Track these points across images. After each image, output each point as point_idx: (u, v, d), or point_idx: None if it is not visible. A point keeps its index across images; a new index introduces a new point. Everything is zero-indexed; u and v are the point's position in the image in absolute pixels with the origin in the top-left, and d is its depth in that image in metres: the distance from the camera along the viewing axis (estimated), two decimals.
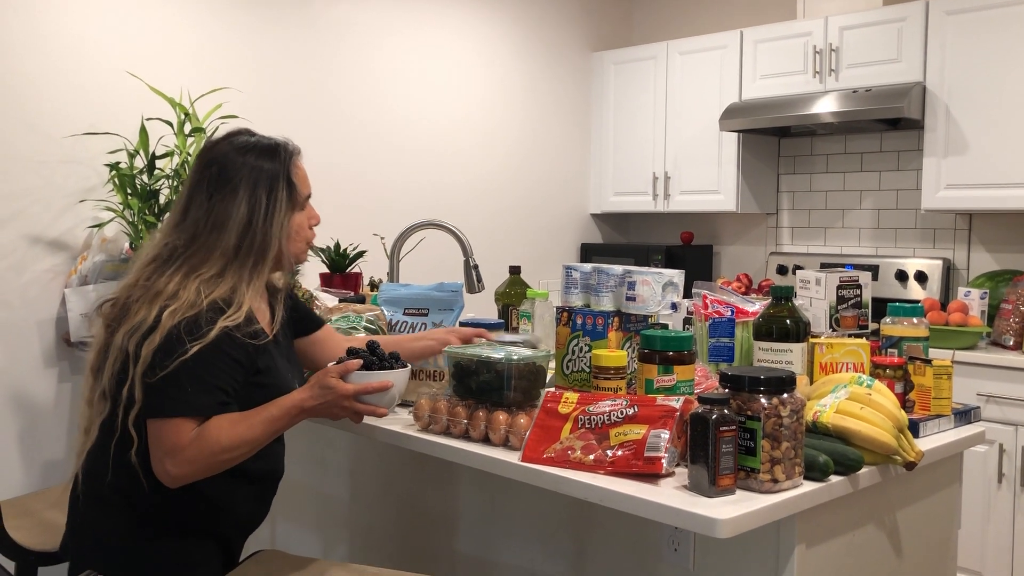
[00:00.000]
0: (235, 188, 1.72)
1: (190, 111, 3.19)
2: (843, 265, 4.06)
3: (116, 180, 3.10)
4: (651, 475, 1.57)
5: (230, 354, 1.65)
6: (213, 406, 1.63)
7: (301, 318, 2.02)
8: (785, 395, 1.52)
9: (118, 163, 3.14)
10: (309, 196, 1.86)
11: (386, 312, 2.28)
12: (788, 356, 1.97)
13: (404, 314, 2.26)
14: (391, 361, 1.76)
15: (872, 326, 2.35)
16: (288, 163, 1.78)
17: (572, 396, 1.75)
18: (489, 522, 2.16)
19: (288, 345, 1.91)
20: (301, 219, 1.83)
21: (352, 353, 1.74)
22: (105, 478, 1.68)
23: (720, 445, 1.47)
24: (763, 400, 1.51)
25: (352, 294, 2.88)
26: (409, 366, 1.83)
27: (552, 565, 2.02)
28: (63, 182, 3.19)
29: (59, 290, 3.19)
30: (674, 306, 2.00)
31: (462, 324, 2.29)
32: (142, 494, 1.66)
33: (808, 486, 1.55)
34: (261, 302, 1.82)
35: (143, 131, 3.15)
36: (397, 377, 1.73)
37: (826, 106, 3.92)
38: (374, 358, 1.73)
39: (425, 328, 2.22)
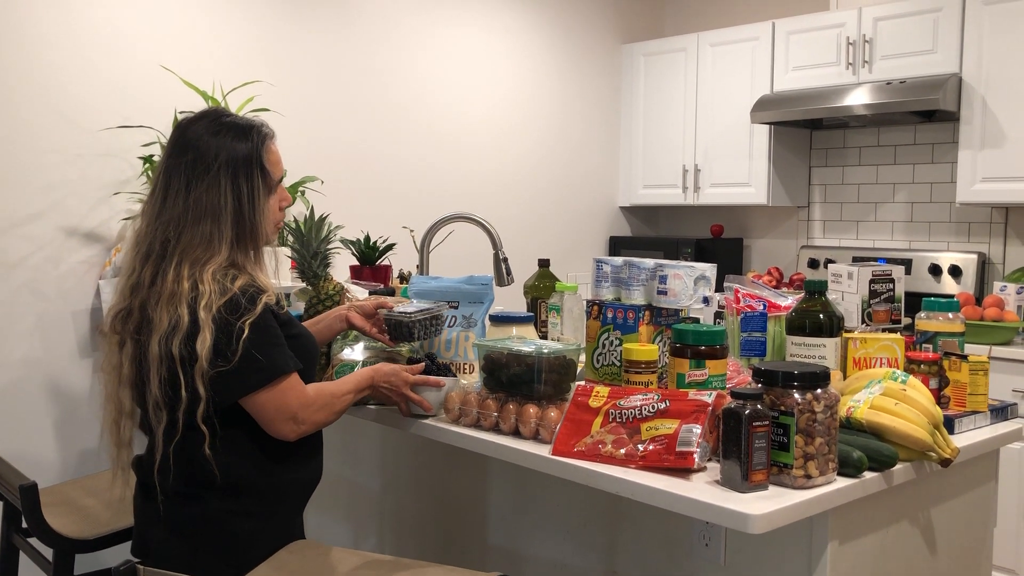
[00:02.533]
0: (216, 176, 1.73)
1: (222, 104, 3.22)
2: (876, 259, 4.02)
3: (150, 173, 3.13)
4: (683, 470, 1.56)
5: (272, 320, 1.73)
6: (291, 360, 1.73)
7: None
8: (819, 390, 1.50)
9: (152, 156, 3.17)
10: (281, 179, 1.87)
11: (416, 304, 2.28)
12: (821, 351, 1.95)
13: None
14: (445, 369, 2.04)
15: (905, 321, 2.32)
16: (260, 146, 1.79)
17: (603, 390, 1.75)
18: (519, 515, 2.16)
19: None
20: (273, 202, 1.84)
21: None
22: (170, 481, 1.71)
23: (753, 440, 1.46)
24: (797, 395, 1.50)
25: (382, 286, 2.88)
26: (457, 377, 2.04)
27: (582, 558, 2.02)
28: (98, 175, 3.23)
29: (94, 281, 3.23)
30: (706, 300, 1.99)
31: (491, 317, 2.29)
32: (213, 484, 1.70)
33: (842, 482, 1.54)
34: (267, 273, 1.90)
35: (176, 123, 3.17)
36: (449, 382, 1.96)
37: (859, 98, 3.88)
38: (432, 365, 2.02)
39: (456, 321, 2.23)
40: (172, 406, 1.66)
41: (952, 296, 3.20)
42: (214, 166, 1.73)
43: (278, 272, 1.96)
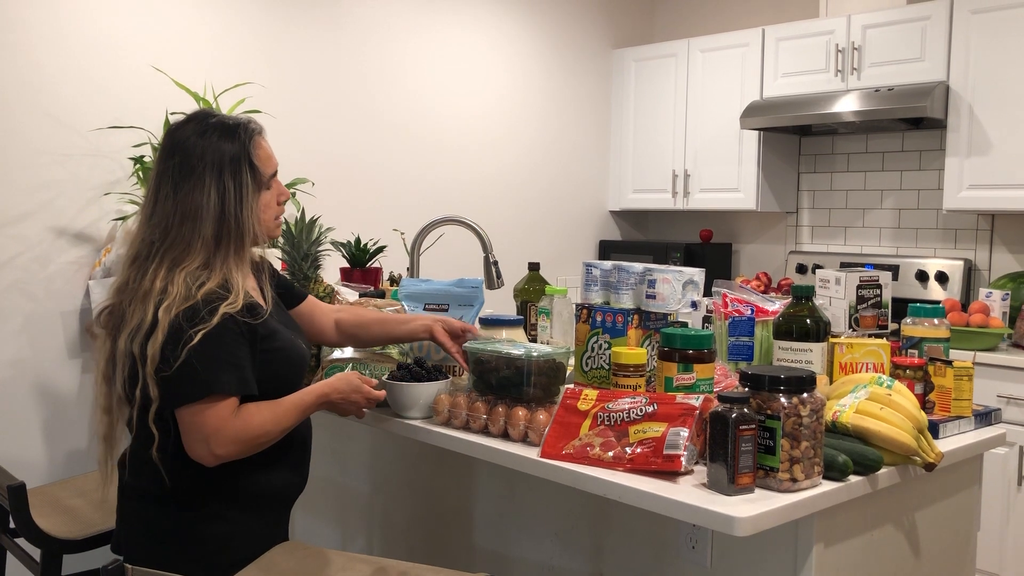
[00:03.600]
0: (201, 176, 1.72)
1: (214, 105, 3.22)
2: (863, 265, 4.04)
3: (140, 173, 3.13)
4: (670, 473, 1.58)
5: (233, 330, 1.68)
6: (234, 382, 1.66)
7: (285, 292, 2.05)
8: (805, 395, 1.52)
9: (142, 157, 3.17)
10: (275, 174, 1.85)
11: (406, 307, 2.29)
12: (808, 356, 1.97)
13: (424, 309, 2.27)
14: (436, 371, 2.02)
15: (892, 326, 2.34)
16: (248, 143, 1.78)
17: (592, 393, 1.76)
18: (507, 517, 2.17)
19: (282, 311, 1.95)
20: (268, 198, 1.82)
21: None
22: (138, 476, 1.73)
23: (740, 444, 1.48)
24: (783, 399, 1.51)
25: (372, 289, 2.89)
26: (448, 379, 2.02)
27: (569, 561, 2.03)
28: (88, 175, 3.23)
29: (83, 282, 3.23)
30: (694, 304, 2.01)
31: (481, 320, 2.30)
32: (172, 485, 1.69)
33: (827, 486, 1.55)
34: (251, 280, 1.86)
35: (167, 125, 3.17)
36: (423, 390, 1.96)
37: (848, 105, 3.91)
38: (421, 370, 2.00)
39: None
40: (132, 404, 1.67)
41: (938, 302, 3.22)
42: (199, 167, 1.72)
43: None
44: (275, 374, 1.76)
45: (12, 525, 2.18)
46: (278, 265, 3.11)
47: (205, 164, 1.73)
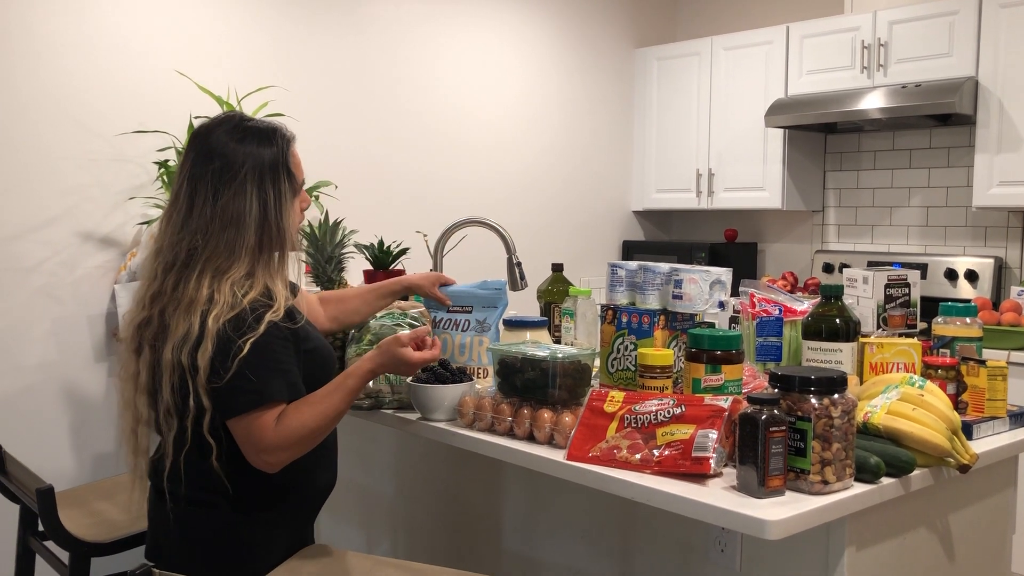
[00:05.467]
0: (243, 182, 1.70)
1: (237, 108, 3.23)
2: (891, 263, 4.00)
3: (165, 178, 3.14)
4: (699, 475, 1.56)
5: (279, 337, 1.67)
6: (284, 389, 1.67)
7: None
8: (836, 395, 1.50)
9: (167, 161, 3.18)
10: (303, 182, 1.85)
11: (429, 311, 2.28)
12: (838, 356, 1.94)
13: (448, 312, 2.26)
14: (460, 373, 2.02)
15: (921, 325, 2.30)
16: (286, 150, 1.77)
17: (618, 395, 1.74)
18: (533, 520, 2.16)
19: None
20: (297, 204, 1.82)
21: None
22: (187, 485, 1.71)
23: (770, 446, 1.45)
24: (814, 400, 1.49)
25: None
26: (472, 380, 2.03)
27: (597, 564, 2.01)
28: (113, 180, 3.25)
29: (109, 286, 3.25)
30: (721, 305, 1.98)
31: (505, 322, 2.29)
32: (226, 494, 1.70)
33: (859, 488, 1.53)
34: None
35: (191, 129, 3.19)
36: (448, 392, 1.96)
37: (874, 102, 3.86)
38: (445, 371, 2.01)
39: (469, 326, 2.22)
40: (181, 415, 1.65)
41: (968, 301, 3.18)
42: (241, 173, 1.70)
43: (300, 278, 1.95)
44: (310, 375, 1.76)
45: (41, 528, 2.19)
46: (302, 268, 3.12)
47: (246, 170, 1.71)
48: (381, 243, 3.21)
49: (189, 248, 1.69)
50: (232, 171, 1.71)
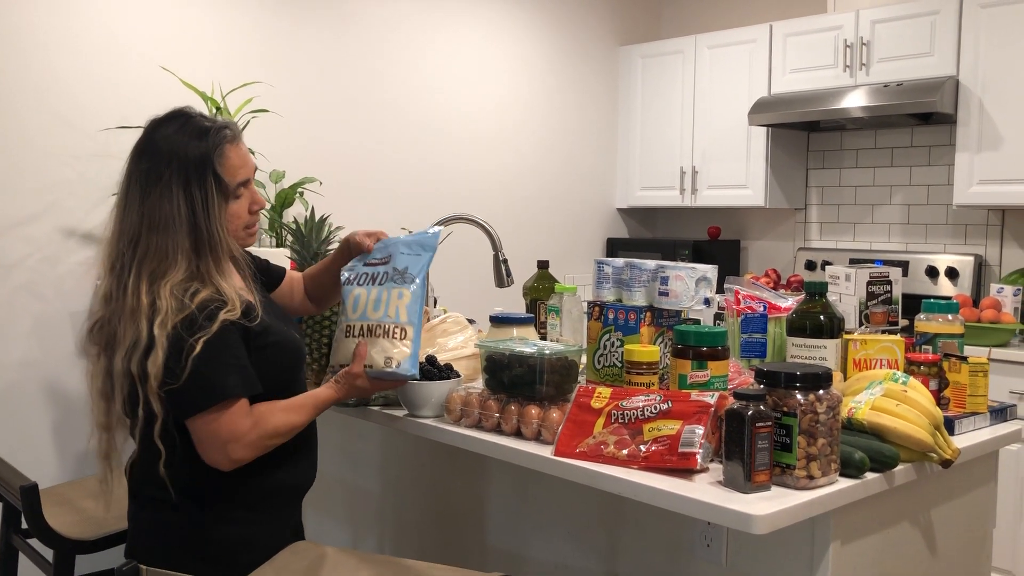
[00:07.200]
0: (168, 183, 1.66)
1: (221, 105, 3.22)
2: (873, 261, 4.03)
3: None
4: (685, 470, 1.57)
5: (232, 332, 1.65)
6: (241, 384, 1.65)
7: (264, 276, 2.00)
8: (821, 391, 1.51)
9: None
10: (246, 182, 1.77)
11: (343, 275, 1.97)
12: (822, 352, 1.96)
13: (364, 265, 1.92)
14: (447, 370, 2.00)
15: (902, 322, 2.33)
16: (213, 151, 1.70)
17: (605, 391, 1.75)
18: (520, 516, 2.16)
19: (269, 301, 1.92)
20: (237, 207, 1.76)
21: None
22: (149, 486, 1.71)
23: (756, 441, 1.47)
24: (799, 396, 1.50)
25: None
26: (460, 377, 2.02)
27: (583, 560, 2.02)
28: (96, 176, 3.22)
29: (92, 283, 3.22)
30: (707, 301, 2.00)
31: (492, 318, 2.29)
32: (183, 495, 1.69)
33: (844, 483, 1.54)
34: (236, 279, 1.80)
35: None
36: (435, 388, 1.96)
37: (856, 100, 3.89)
38: (433, 368, 1.99)
39: (387, 278, 1.89)
40: (134, 422, 1.65)
41: (949, 298, 3.21)
42: (166, 173, 1.67)
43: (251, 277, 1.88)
44: (271, 370, 1.74)
45: (24, 526, 2.18)
46: (287, 265, 3.11)
47: (171, 170, 1.67)
48: None
49: (121, 250, 1.67)
50: (158, 171, 1.67)
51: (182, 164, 1.68)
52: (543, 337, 2.52)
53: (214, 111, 3.19)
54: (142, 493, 1.75)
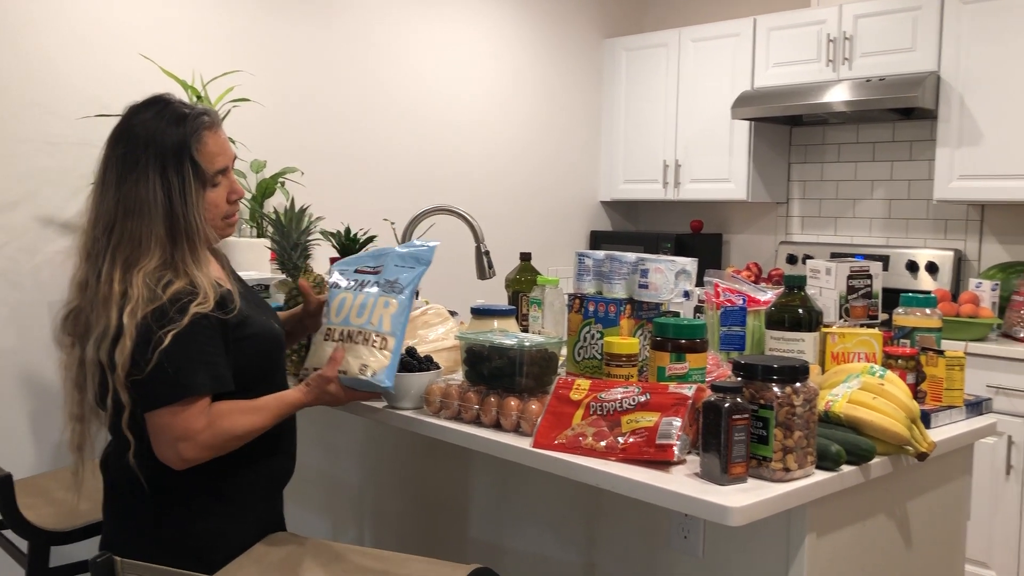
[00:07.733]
0: (144, 168, 1.65)
1: (202, 94, 3.19)
2: (853, 255, 4.05)
3: None
4: (663, 462, 1.57)
5: (206, 327, 1.63)
6: (207, 382, 1.63)
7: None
8: (798, 384, 1.52)
9: None
10: (225, 169, 1.75)
11: (328, 277, 2.02)
12: (800, 345, 1.97)
13: (355, 272, 1.94)
14: (427, 361, 1.99)
15: (882, 317, 2.34)
16: (191, 137, 1.68)
17: (584, 383, 1.75)
18: (499, 508, 2.17)
19: (249, 290, 1.91)
20: (215, 196, 1.74)
21: None
22: (122, 478, 1.70)
23: (732, 433, 1.47)
24: (776, 389, 1.51)
25: None
26: (440, 368, 2.01)
27: (562, 551, 2.03)
28: (74, 164, 3.19)
29: (70, 271, 3.19)
30: (687, 294, 2.00)
31: (473, 310, 2.29)
32: (154, 487, 1.68)
33: (820, 475, 1.55)
34: (215, 268, 1.78)
35: None
36: (415, 380, 1.94)
37: (839, 95, 3.90)
38: (412, 359, 1.97)
39: (376, 286, 1.88)
40: (106, 412, 1.64)
41: (929, 292, 3.23)
42: (143, 158, 1.65)
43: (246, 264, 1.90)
44: (250, 362, 1.73)
45: None
46: (268, 255, 3.10)
47: (148, 156, 1.65)
48: (348, 230, 3.19)
49: (96, 236, 1.66)
50: (135, 156, 1.66)
51: (159, 149, 1.66)
52: (525, 329, 2.51)
53: (195, 99, 3.17)
54: (116, 485, 1.74)
